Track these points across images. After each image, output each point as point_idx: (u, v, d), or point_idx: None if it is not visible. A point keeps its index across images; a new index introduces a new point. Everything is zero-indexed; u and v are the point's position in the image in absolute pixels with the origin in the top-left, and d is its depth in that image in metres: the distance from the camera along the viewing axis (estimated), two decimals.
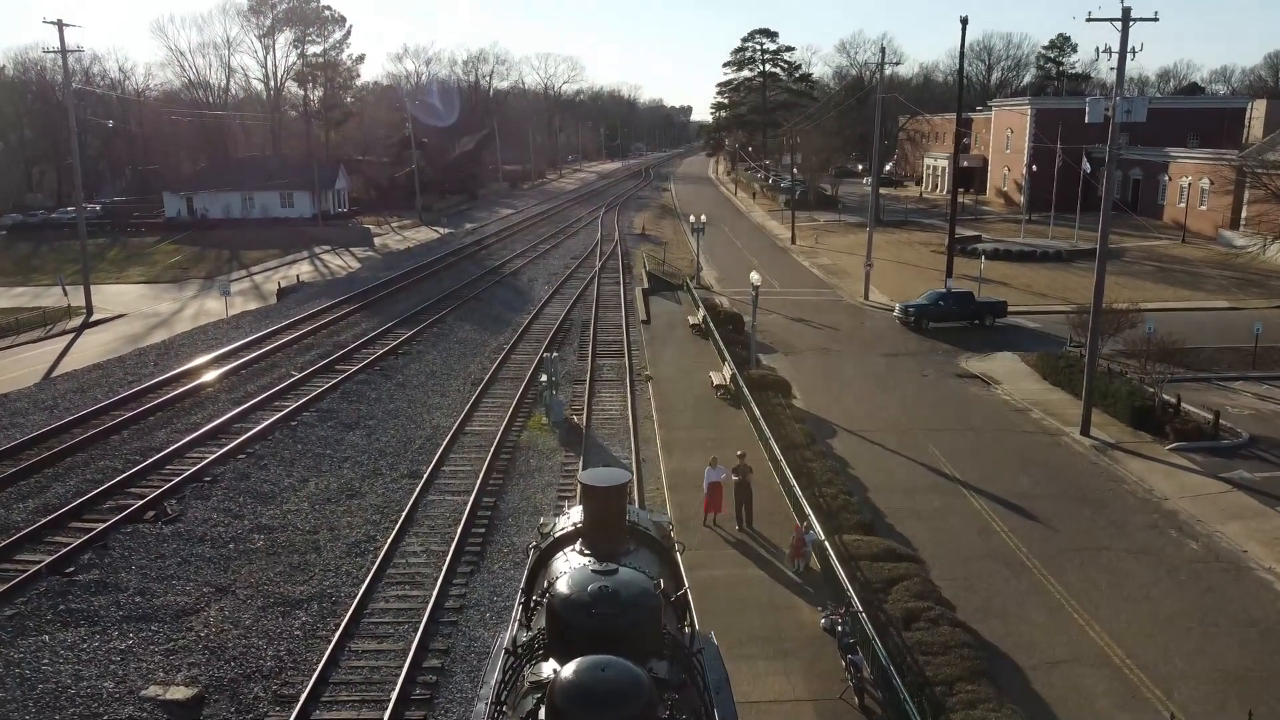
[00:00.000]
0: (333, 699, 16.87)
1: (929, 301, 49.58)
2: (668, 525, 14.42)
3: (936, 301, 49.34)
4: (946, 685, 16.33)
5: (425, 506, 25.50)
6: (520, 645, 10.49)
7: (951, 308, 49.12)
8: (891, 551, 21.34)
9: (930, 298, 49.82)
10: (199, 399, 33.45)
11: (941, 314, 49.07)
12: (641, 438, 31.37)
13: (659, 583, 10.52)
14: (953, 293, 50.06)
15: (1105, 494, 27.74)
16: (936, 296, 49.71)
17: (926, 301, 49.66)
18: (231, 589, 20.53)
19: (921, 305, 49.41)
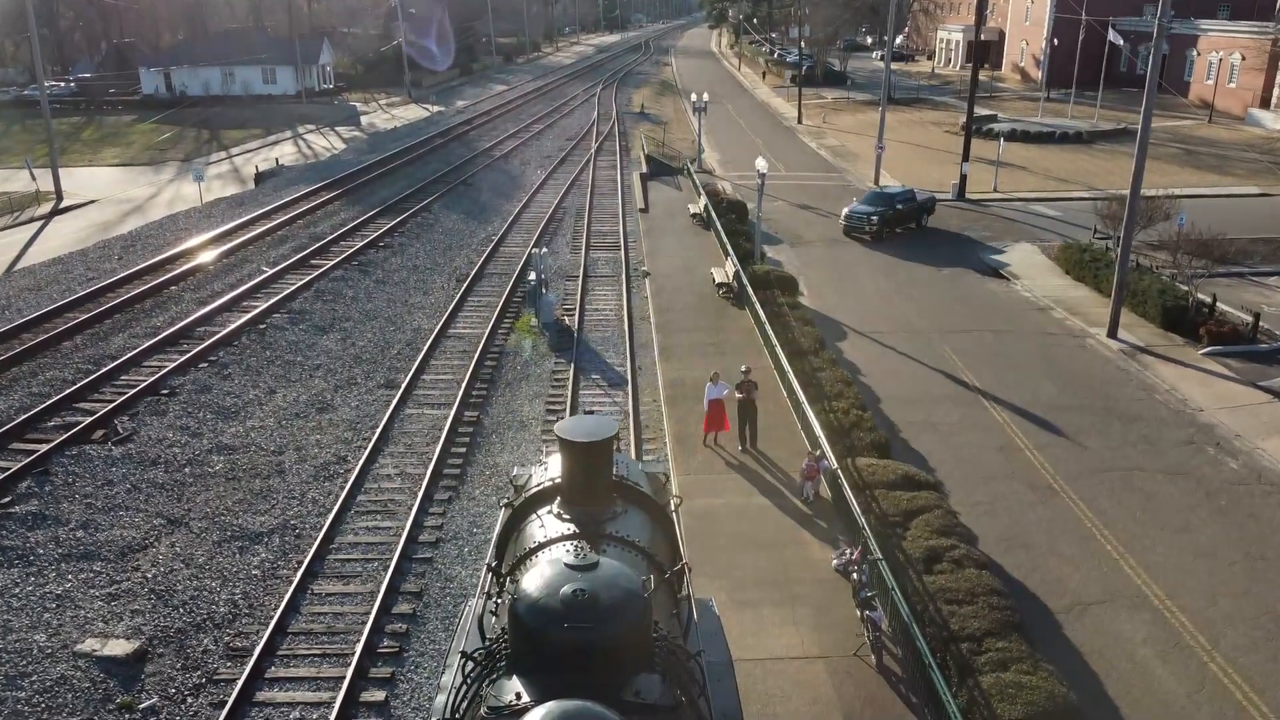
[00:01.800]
0: (290, 652, 15.19)
1: (881, 205, 42.25)
2: (664, 478, 12.38)
3: (893, 204, 42.51)
4: (974, 641, 14.59)
5: (402, 422, 23.53)
6: (479, 654, 8.54)
7: (909, 208, 43.03)
8: (909, 478, 19.44)
9: (877, 200, 42.80)
10: (161, 299, 31.13)
11: (900, 217, 42.72)
12: (638, 342, 29.21)
13: (648, 579, 8.47)
14: (901, 191, 43.87)
15: (1136, 405, 25.75)
16: (887, 197, 42.96)
17: (877, 206, 42.20)
18: (185, 520, 18.70)
19: (876, 210, 41.82)
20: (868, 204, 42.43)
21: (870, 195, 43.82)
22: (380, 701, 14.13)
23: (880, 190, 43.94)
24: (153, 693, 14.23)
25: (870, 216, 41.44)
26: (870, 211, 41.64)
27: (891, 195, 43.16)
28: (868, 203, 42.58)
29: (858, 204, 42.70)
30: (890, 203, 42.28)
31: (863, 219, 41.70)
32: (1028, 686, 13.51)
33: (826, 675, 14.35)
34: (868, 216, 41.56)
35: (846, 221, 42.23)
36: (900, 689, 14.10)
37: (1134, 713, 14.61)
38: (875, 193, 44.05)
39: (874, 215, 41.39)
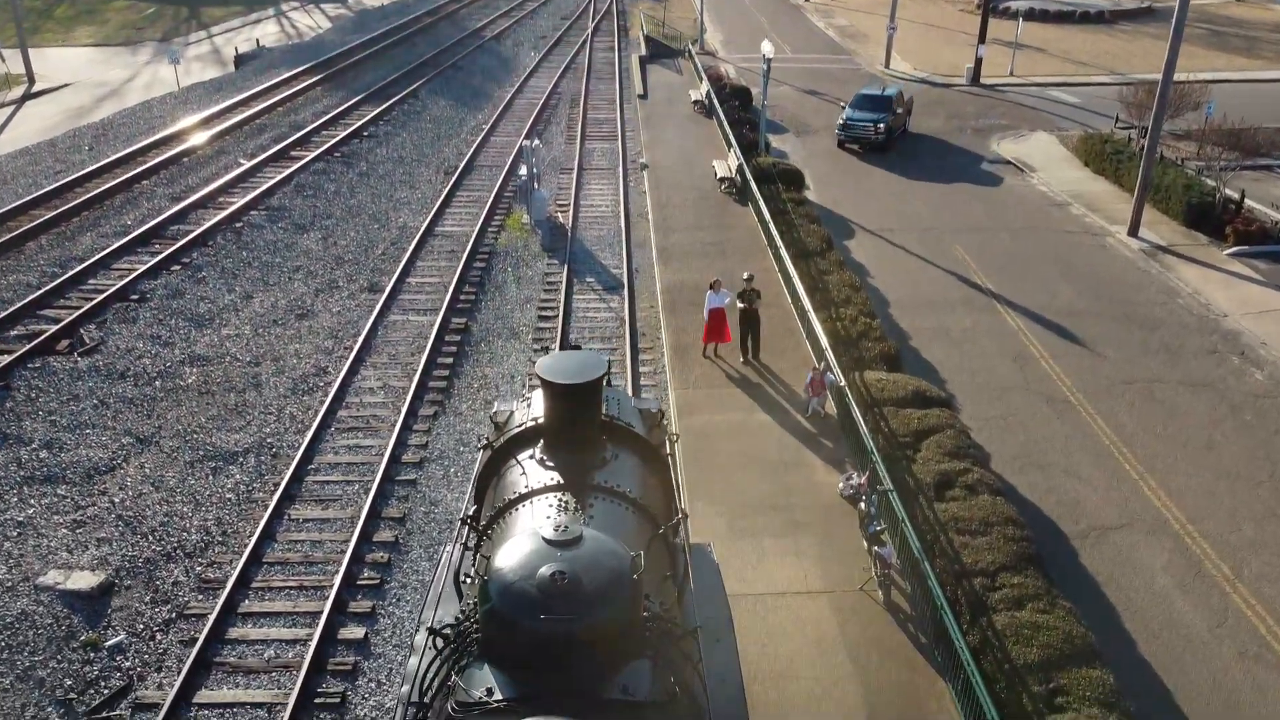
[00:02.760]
0: (265, 584, 14.38)
1: (883, 110, 37.11)
2: (659, 413, 11.26)
3: (892, 107, 37.49)
4: (988, 576, 13.75)
5: (386, 329, 22.34)
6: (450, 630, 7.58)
7: (904, 111, 39.09)
8: (920, 394, 18.37)
9: (875, 105, 37.31)
10: (133, 195, 29.49)
11: (898, 122, 38.30)
12: (635, 242, 27.78)
13: (638, 556, 7.43)
14: (895, 93, 38.50)
15: (1157, 310, 24.54)
16: (884, 101, 37.51)
17: (879, 112, 37.06)
18: (155, 439, 17.71)
19: (880, 116, 36.87)
20: (866, 110, 37.19)
21: (861, 98, 37.73)
22: (360, 639, 13.38)
23: (872, 93, 37.95)
24: (119, 629, 13.47)
25: (876, 124, 36.61)
26: (875, 119, 36.73)
27: (888, 98, 37.62)
28: (863, 108, 37.31)
29: (852, 110, 37.34)
30: (889, 106, 37.31)
31: (867, 127, 36.72)
32: (1044, 627, 12.71)
33: (830, 612, 13.56)
34: (874, 125, 36.66)
35: (844, 133, 37.14)
36: (908, 628, 13.32)
37: (1153, 648, 13.90)
38: (867, 95, 37.90)
39: (879, 122, 36.61)
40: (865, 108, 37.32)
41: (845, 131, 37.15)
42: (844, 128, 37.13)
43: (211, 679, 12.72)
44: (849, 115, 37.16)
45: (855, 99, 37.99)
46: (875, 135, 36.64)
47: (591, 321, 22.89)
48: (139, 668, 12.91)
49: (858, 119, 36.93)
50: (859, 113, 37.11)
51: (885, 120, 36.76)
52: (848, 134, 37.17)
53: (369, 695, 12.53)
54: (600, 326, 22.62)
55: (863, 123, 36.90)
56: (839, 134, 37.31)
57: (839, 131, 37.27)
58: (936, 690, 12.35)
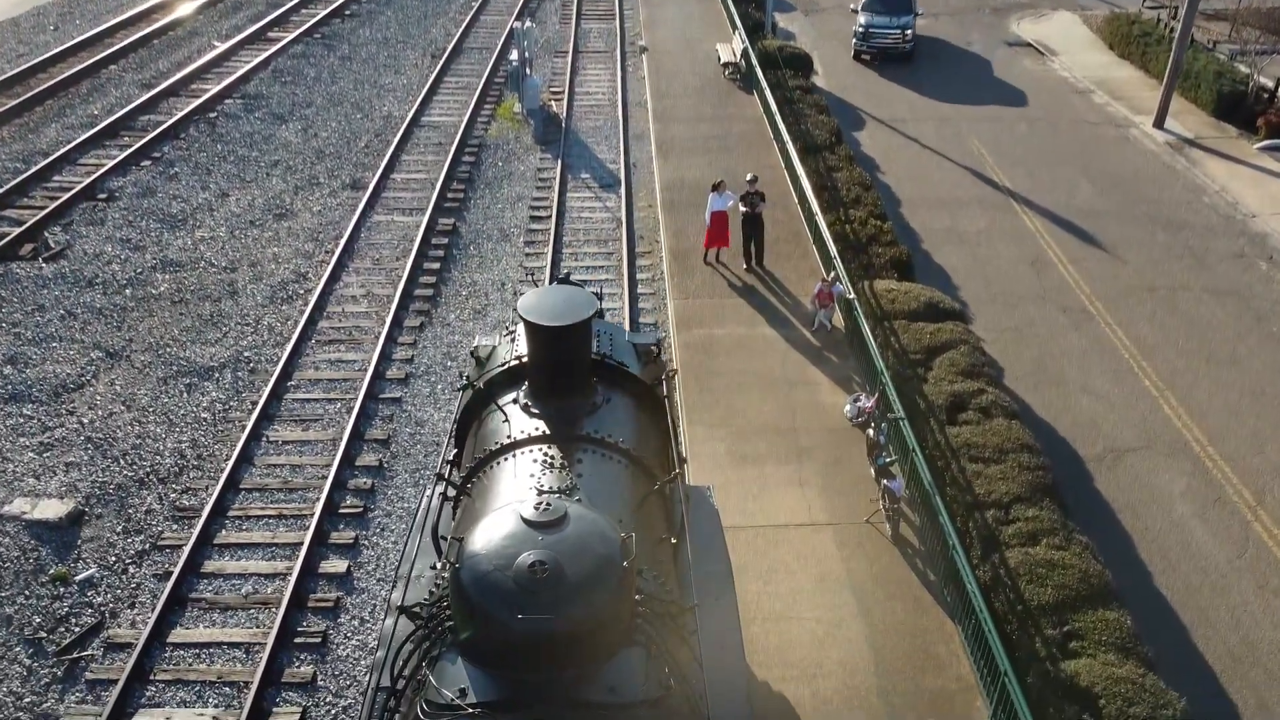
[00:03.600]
0: (243, 511, 13.71)
1: (905, 12, 32.38)
2: (655, 348, 10.30)
3: (912, 7, 32.90)
4: (1001, 508, 13.07)
5: (369, 230, 21.17)
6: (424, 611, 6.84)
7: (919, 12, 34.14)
8: (933, 306, 17.37)
9: (895, 6, 32.29)
10: (100, 81, 27.75)
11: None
12: (632, 133, 26.27)
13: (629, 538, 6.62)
14: None
15: (1182, 209, 23.32)
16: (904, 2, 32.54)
17: (901, 13, 32.26)
18: (125, 353, 16.81)
19: (904, 20, 32.17)
20: (887, 13, 32.07)
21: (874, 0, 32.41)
22: (342, 573, 12.78)
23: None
24: (90, 562, 12.86)
25: (904, 30, 31.85)
26: (900, 23, 31.91)
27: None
28: (882, 9, 32.12)
29: (871, 15, 32.08)
30: (911, 4, 32.71)
31: (894, 35, 31.85)
32: (1059, 565, 12.06)
33: (835, 546, 12.92)
34: (900, 31, 31.85)
35: (864, 43, 32.15)
36: (917, 564, 12.71)
37: (1169, 581, 13.33)
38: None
39: (905, 28, 31.91)
40: (885, 9, 32.26)
41: (865, 41, 32.13)
42: (863, 36, 32.06)
43: (187, 616, 12.17)
44: (869, 21, 32.00)
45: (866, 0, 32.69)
46: (903, 43, 31.99)
47: (587, 223, 21.70)
48: (111, 603, 12.35)
49: (880, 26, 31.86)
50: (879, 17, 32.10)
51: (911, 23, 32.22)
52: (868, 44, 32.15)
53: (351, 634, 11.99)
54: (596, 228, 21.44)
55: (887, 30, 31.90)
56: (856, 44, 32.33)
57: (856, 41, 32.27)
58: (945, 632, 11.80)
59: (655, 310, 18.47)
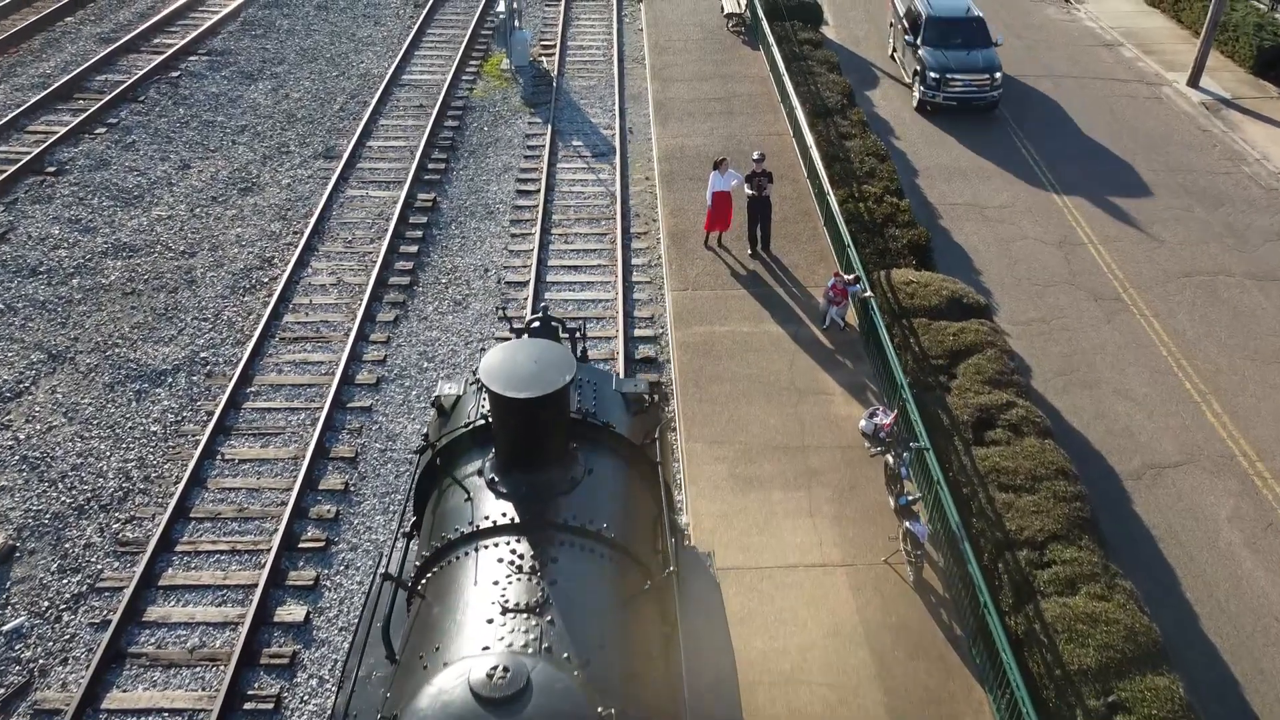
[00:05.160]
0: (192, 545, 12.37)
1: (981, 42, 23.74)
2: (646, 394, 8.82)
3: (990, 34, 24.05)
4: (1035, 548, 11.72)
5: (342, 207, 19.52)
6: None
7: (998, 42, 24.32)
8: (956, 300, 15.83)
9: (960, 33, 23.71)
10: (54, 35, 25.77)
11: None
12: (629, 94, 24.41)
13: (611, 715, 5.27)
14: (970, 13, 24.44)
15: (1220, 180, 21.62)
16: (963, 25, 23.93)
17: (978, 46, 23.62)
18: (70, 354, 15.32)
19: (984, 63, 23.35)
20: (958, 47, 23.51)
21: (939, 23, 23.82)
22: (300, 622, 11.47)
23: (953, 12, 24.19)
24: (20, 609, 11.54)
25: (992, 74, 23.25)
26: (986, 63, 23.34)
27: (976, 21, 24.10)
28: (953, 44, 23.51)
29: (936, 51, 23.38)
30: (986, 34, 24.00)
31: (983, 79, 23.27)
32: (1102, 620, 10.75)
33: (849, 591, 11.59)
34: (989, 76, 23.22)
35: (937, 92, 23.31)
36: (941, 614, 11.39)
37: (1218, 626, 12.04)
38: (945, 20, 23.94)
39: (992, 69, 23.29)
40: (955, 42, 23.52)
41: (940, 91, 23.22)
42: (936, 84, 23.13)
43: (125, 675, 10.88)
44: (938, 62, 23.16)
45: (931, 26, 23.64)
46: (991, 89, 23.41)
47: (578, 198, 20.02)
48: (42, 658, 11.06)
49: (959, 70, 23.12)
50: (952, 53, 23.32)
51: (997, 61, 23.51)
52: (945, 93, 23.23)
53: (308, 697, 10.72)
54: (588, 205, 19.78)
55: (969, 78, 23.11)
56: (923, 93, 23.40)
57: (924, 90, 23.36)
58: (974, 700, 10.52)
59: (652, 302, 16.93)
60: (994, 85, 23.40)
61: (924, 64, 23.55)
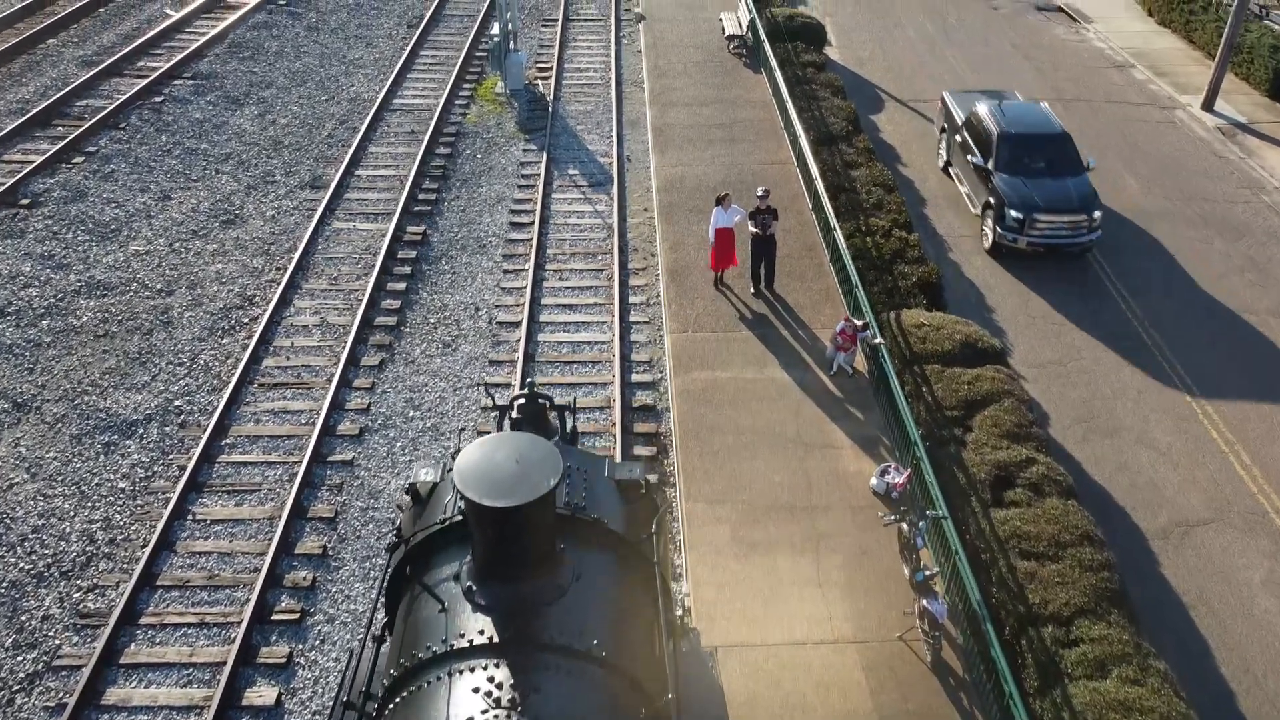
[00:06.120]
0: (158, 618, 11.56)
1: (1073, 169, 18.96)
2: (643, 484, 8.03)
3: (1081, 157, 19.28)
4: (1061, 624, 10.91)
5: (327, 241, 18.75)
6: None
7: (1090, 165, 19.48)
8: (970, 345, 15.04)
9: (1043, 156, 19.01)
10: (35, 58, 25.03)
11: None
12: (627, 119, 23.66)
13: None
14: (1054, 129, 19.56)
15: (1239, 210, 20.88)
16: (1047, 143, 19.17)
17: (1069, 175, 18.82)
18: (36, 403, 14.53)
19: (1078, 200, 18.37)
20: (1040, 173, 18.66)
21: (1016, 142, 18.94)
22: (270, 705, 10.66)
23: (1033, 128, 19.32)
24: None
25: (1089, 211, 18.18)
26: (1081, 198, 18.33)
27: (1062, 138, 19.23)
28: (1033, 170, 18.68)
29: (1012, 181, 18.45)
30: (1077, 158, 19.12)
31: (1080, 220, 18.20)
32: (1136, 708, 9.94)
33: (862, 673, 10.77)
34: (1086, 216, 18.16)
35: (1020, 235, 18.17)
36: (961, 700, 10.58)
37: (1256, 707, 11.21)
38: (1025, 137, 19.04)
39: (1088, 208, 18.23)
40: (1039, 169, 18.69)
41: (1023, 234, 18.11)
42: (1019, 226, 18.04)
43: None
44: (1019, 197, 18.11)
45: (1006, 146, 18.84)
46: (1089, 233, 18.33)
47: (574, 231, 19.26)
48: None
49: (1048, 205, 18.03)
50: (1037, 185, 18.33)
51: (1093, 196, 18.43)
52: (1030, 237, 18.12)
53: None
54: (584, 239, 19.01)
55: (1062, 219, 18.10)
56: (1001, 236, 18.30)
57: (1002, 233, 18.26)
58: None
59: (650, 344, 16.15)
60: (1092, 226, 18.38)
61: (1001, 198, 18.35)
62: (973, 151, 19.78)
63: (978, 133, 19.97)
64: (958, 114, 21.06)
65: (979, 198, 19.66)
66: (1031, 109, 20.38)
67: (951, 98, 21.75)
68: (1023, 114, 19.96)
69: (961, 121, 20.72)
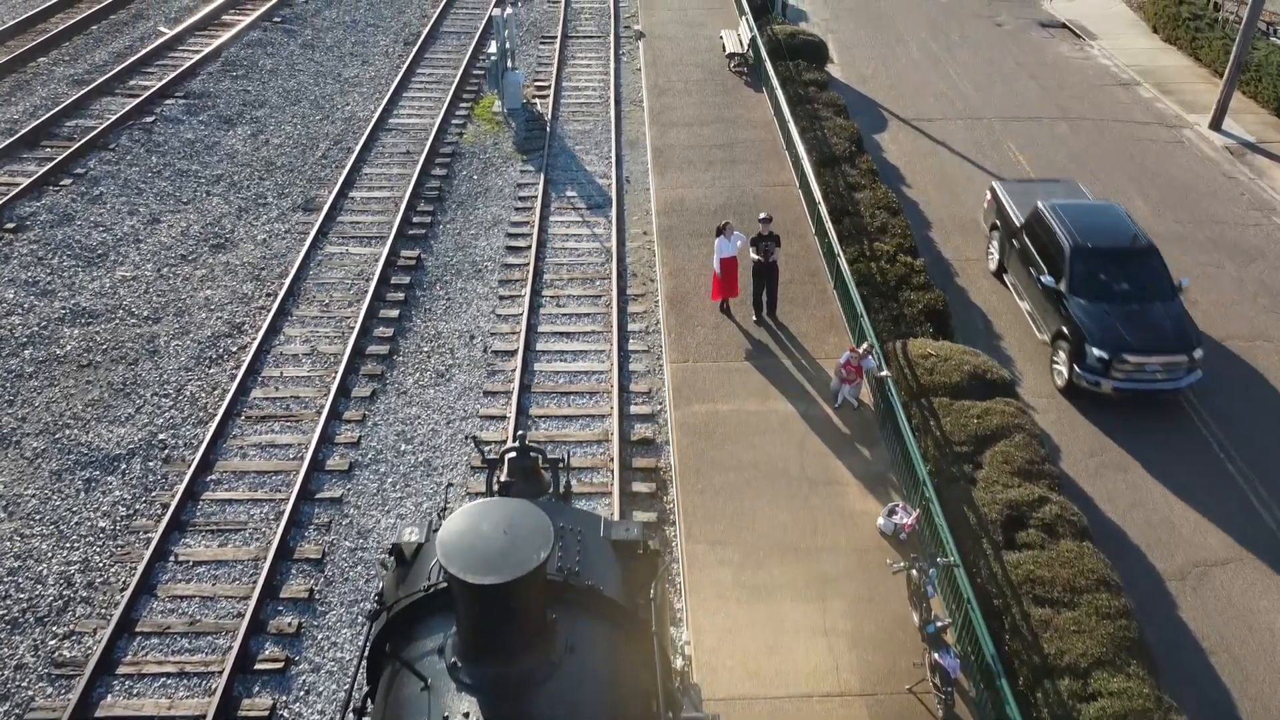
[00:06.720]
0: (136, 667, 11.09)
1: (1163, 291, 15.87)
2: (642, 546, 7.56)
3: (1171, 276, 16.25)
4: (1077, 675, 10.44)
5: (320, 265, 18.33)
6: None
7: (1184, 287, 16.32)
8: (979, 376, 14.58)
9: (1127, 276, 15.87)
10: (25, 77, 24.66)
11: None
12: (626, 139, 23.29)
13: None
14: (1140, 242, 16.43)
15: (1251, 232, 20.48)
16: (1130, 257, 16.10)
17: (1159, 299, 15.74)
18: (15, 438, 14.09)
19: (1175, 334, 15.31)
20: (1127, 296, 15.71)
21: (1094, 258, 15.92)
22: None
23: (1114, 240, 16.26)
24: None
25: (1189, 350, 15.15)
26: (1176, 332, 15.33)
27: (1148, 251, 16.27)
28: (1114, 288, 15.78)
29: (1092, 311, 15.43)
30: (1167, 274, 16.19)
31: (1179, 360, 15.11)
32: None
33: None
34: (1186, 356, 15.15)
35: (1100, 378, 15.08)
36: None
37: None
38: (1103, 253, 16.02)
39: (1195, 350, 15.19)
40: (1122, 291, 15.66)
41: (1111, 376, 15.04)
42: (1100, 368, 15.00)
43: None
44: (1100, 330, 15.11)
45: (1081, 262, 15.75)
46: (1187, 372, 15.21)
47: (572, 255, 18.85)
48: None
49: (1139, 355, 14.94)
50: (1118, 309, 15.41)
51: (1193, 335, 15.34)
52: (1118, 380, 15.08)
53: None
54: (582, 263, 18.60)
55: (1156, 360, 15.03)
56: (1080, 376, 15.25)
57: (1082, 374, 15.18)
58: None
59: (649, 374, 15.71)
60: (1192, 366, 15.25)
61: (1080, 332, 15.16)
62: (1036, 264, 16.52)
63: (1042, 242, 16.61)
64: (1013, 213, 17.83)
65: (1046, 323, 16.30)
66: (1107, 213, 16.97)
67: (1003, 190, 18.68)
68: (1098, 220, 16.59)
69: (1020, 224, 17.46)
